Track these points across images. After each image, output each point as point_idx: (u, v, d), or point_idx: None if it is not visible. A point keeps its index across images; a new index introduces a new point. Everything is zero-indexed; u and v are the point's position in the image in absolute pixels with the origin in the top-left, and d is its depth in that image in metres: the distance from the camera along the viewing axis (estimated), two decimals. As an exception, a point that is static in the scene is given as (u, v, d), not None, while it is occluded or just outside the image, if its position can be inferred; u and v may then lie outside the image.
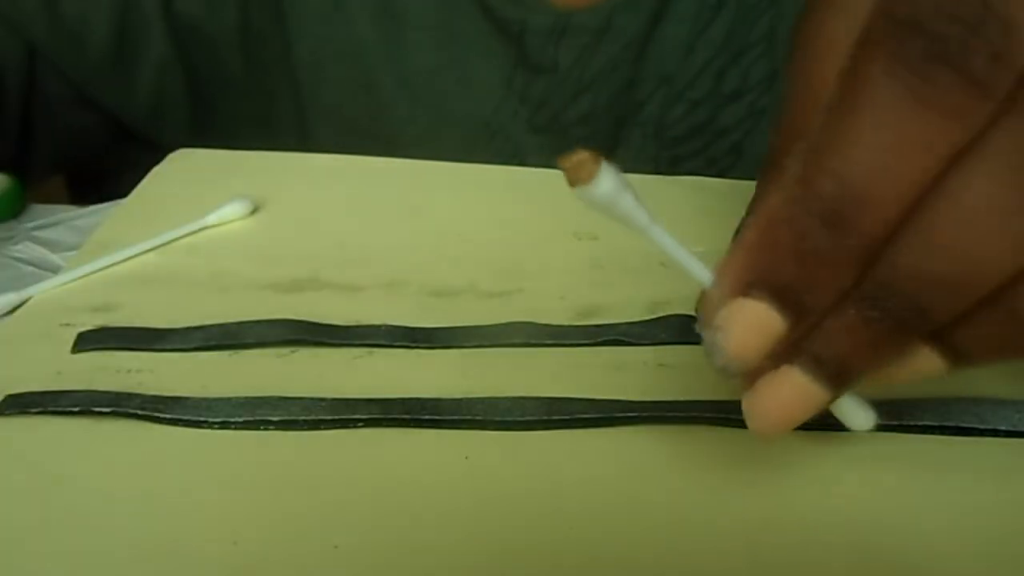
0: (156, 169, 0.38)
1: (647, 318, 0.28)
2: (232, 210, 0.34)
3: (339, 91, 0.46)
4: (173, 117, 0.46)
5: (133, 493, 0.22)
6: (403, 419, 0.24)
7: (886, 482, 0.23)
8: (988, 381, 0.26)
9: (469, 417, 0.24)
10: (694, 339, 0.27)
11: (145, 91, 0.44)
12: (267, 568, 0.20)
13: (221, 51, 0.45)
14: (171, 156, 0.39)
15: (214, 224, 0.33)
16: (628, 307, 0.29)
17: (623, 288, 0.30)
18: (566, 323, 0.28)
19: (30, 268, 0.34)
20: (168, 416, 0.24)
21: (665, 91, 0.46)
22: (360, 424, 0.24)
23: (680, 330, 0.28)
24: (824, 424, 0.24)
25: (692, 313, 0.28)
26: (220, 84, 0.46)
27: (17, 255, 0.35)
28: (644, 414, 0.24)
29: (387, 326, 0.28)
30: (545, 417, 0.24)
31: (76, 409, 0.24)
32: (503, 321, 0.28)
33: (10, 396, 0.25)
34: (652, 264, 0.31)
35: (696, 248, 0.32)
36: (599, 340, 0.27)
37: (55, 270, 0.32)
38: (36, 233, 0.36)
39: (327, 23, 0.45)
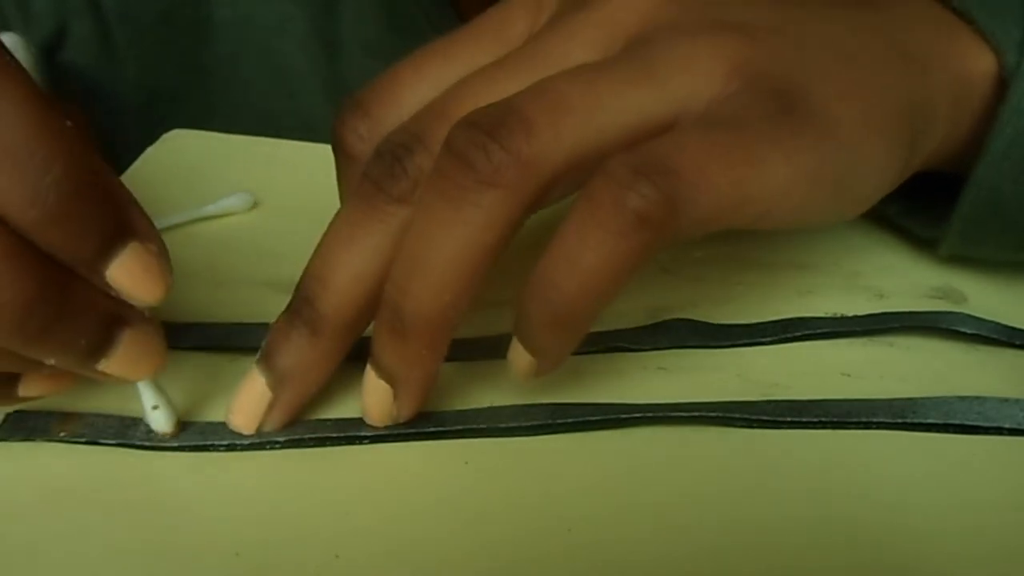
0: (148, 151, 0.37)
1: (647, 323, 0.28)
2: (232, 202, 0.33)
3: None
4: None
5: (135, 505, 0.22)
6: (406, 434, 0.24)
7: (888, 481, 0.23)
8: (991, 379, 0.26)
9: (473, 426, 0.24)
10: (694, 343, 0.28)
11: None
12: (270, 579, 0.20)
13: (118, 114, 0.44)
14: (164, 137, 0.38)
15: (213, 215, 0.32)
16: (628, 313, 0.29)
17: (623, 294, 0.30)
18: (566, 330, 0.28)
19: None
20: (174, 444, 0.24)
21: None
22: (366, 440, 0.24)
23: (680, 335, 0.28)
24: (826, 421, 0.24)
25: (692, 318, 0.29)
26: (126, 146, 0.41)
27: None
28: (647, 415, 0.24)
29: None
30: (548, 421, 0.24)
31: (83, 440, 0.24)
32: (503, 332, 0.28)
33: (13, 415, 0.24)
34: (651, 270, 0.31)
35: (695, 253, 0.32)
36: (600, 347, 0.27)
37: None
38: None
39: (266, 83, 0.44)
